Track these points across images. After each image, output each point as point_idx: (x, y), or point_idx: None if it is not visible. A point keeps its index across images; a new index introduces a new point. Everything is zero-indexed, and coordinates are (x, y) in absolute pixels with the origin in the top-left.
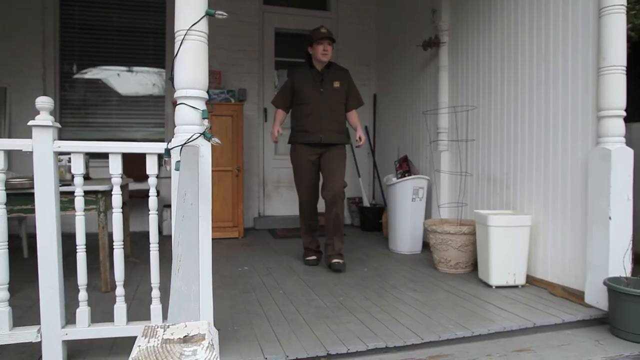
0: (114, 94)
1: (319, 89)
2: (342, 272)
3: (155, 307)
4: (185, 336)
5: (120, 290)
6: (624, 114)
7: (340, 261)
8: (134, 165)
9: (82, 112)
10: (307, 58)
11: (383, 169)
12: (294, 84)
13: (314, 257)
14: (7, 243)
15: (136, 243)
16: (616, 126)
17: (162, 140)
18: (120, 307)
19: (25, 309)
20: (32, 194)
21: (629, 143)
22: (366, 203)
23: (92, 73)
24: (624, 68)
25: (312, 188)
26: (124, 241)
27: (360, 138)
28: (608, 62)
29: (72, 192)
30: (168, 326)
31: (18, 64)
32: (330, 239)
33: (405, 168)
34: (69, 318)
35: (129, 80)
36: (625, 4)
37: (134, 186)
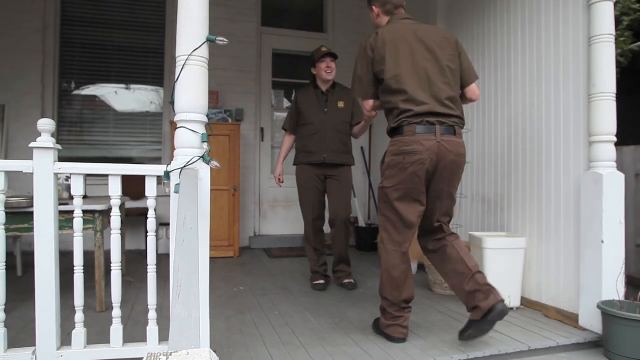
0: (112, 112)
1: (324, 109)
2: (355, 290)
3: (152, 329)
4: None
5: (117, 312)
6: (615, 139)
7: (352, 281)
8: (130, 183)
9: (80, 130)
10: (311, 80)
11: None
12: (298, 104)
13: (322, 282)
14: (5, 264)
15: (131, 261)
16: (607, 151)
17: (159, 159)
18: (116, 329)
19: (19, 330)
20: (29, 213)
21: (619, 166)
22: (362, 223)
23: (91, 91)
24: (614, 95)
25: (319, 210)
26: (120, 261)
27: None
28: (598, 89)
29: (70, 212)
30: (170, 354)
31: (17, 81)
32: (339, 266)
33: None
34: (64, 338)
35: (127, 99)
36: (614, 33)
37: (129, 204)
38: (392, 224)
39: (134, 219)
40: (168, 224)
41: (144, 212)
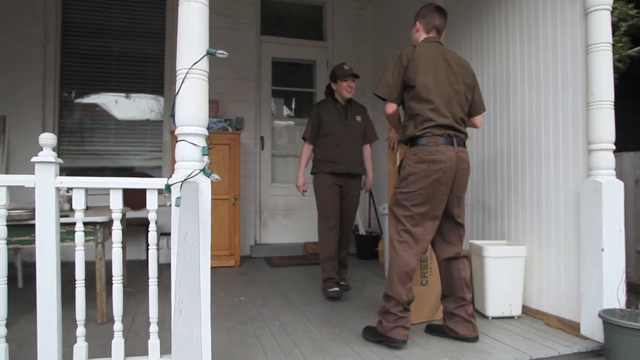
0: (113, 121)
1: (344, 122)
2: (348, 291)
3: (153, 342)
4: None
5: (118, 326)
6: (614, 147)
7: (346, 283)
8: (130, 194)
9: (80, 139)
10: (329, 92)
11: (379, 197)
12: (321, 116)
13: (338, 289)
14: (6, 278)
15: (132, 271)
16: (606, 159)
17: (159, 167)
18: (118, 343)
19: (20, 343)
20: (30, 226)
21: (619, 172)
22: (362, 231)
23: (91, 100)
24: (612, 103)
25: (338, 217)
26: (122, 274)
27: (369, 182)
28: (596, 97)
29: (70, 224)
30: None
31: (18, 92)
32: (340, 269)
33: None
34: (65, 351)
35: (127, 107)
36: (611, 41)
37: (130, 214)
38: (405, 226)
39: (135, 229)
40: (168, 234)
41: (144, 222)
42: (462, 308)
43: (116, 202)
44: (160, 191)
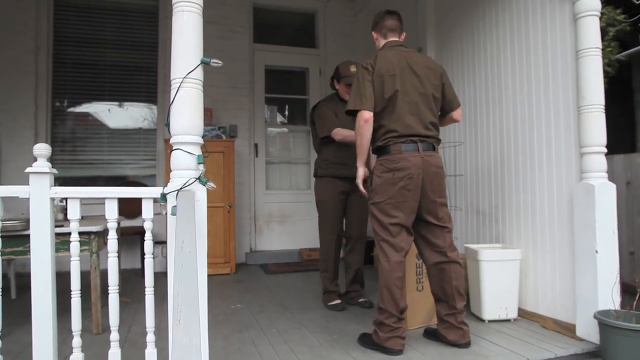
0: (106, 130)
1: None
2: (371, 308)
3: (151, 352)
4: None
5: (115, 336)
6: (605, 150)
7: (367, 299)
8: (125, 203)
9: (73, 149)
10: (334, 90)
11: None
12: (336, 113)
13: (340, 302)
14: (1, 291)
15: (127, 280)
16: (598, 162)
17: (153, 176)
18: (114, 353)
19: (15, 355)
20: (24, 236)
21: (611, 175)
22: None
23: (84, 109)
24: (603, 106)
25: (341, 226)
26: (117, 284)
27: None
28: (587, 102)
29: (65, 234)
30: None
31: (10, 102)
32: (353, 285)
33: None
34: None
35: (121, 116)
36: (600, 46)
37: (124, 223)
38: (383, 237)
39: (129, 238)
40: (163, 242)
41: (139, 231)
42: (453, 316)
43: (111, 212)
44: (155, 200)
